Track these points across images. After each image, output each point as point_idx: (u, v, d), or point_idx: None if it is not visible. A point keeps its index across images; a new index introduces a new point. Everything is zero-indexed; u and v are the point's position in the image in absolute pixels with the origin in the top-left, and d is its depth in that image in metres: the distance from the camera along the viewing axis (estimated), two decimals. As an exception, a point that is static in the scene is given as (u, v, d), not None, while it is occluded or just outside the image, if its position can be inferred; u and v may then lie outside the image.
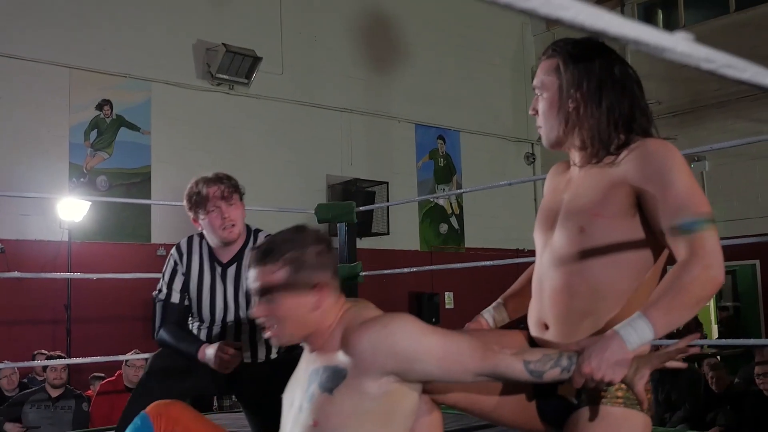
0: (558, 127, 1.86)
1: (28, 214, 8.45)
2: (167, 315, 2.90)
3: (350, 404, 1.67)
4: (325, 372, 1.71)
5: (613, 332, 1.62)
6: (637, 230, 1.76)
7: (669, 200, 1.68)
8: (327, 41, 11.05)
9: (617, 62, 1.87)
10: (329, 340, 1.75)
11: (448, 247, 12.23)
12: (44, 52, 8.65)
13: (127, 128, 9.32)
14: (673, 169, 1.70)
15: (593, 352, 1.61)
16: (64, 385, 6.05)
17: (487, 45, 12.85)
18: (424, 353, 1.66)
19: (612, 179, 1.77)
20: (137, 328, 8.70)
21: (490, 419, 1.99)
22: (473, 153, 12.60)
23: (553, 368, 1.67)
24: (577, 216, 1.80)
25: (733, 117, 11.24)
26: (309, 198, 9.32)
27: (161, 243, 9.08)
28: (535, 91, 1.92)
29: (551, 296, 1.84)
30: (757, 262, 11.51)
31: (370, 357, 1.66)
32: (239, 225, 2.89)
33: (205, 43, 9.85)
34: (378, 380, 1.67)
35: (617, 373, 1.60)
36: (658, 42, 0.68)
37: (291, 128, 10.53)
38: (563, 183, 1.94)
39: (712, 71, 0.74)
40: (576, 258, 1.79)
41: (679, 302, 1.61)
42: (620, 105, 1.82)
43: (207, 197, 2.84)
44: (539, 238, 1.93)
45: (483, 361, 1.68)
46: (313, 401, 1.70)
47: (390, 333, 1.66)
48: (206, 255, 2.95)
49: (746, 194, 11.31)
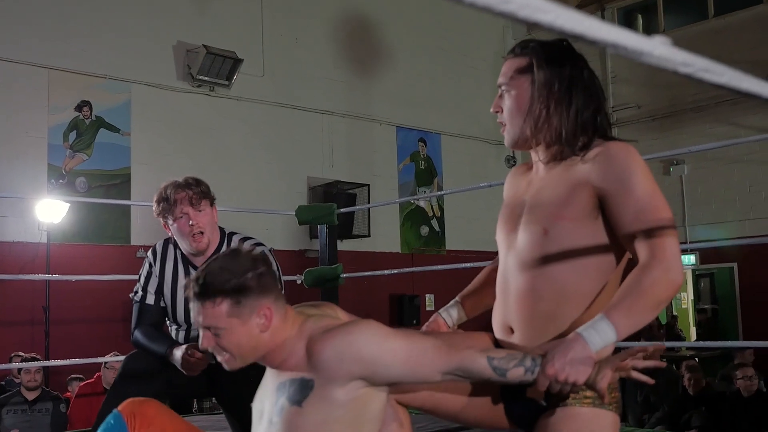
0: (525, 127, 1.85)
1: (6, 216, 8.38)
2: (142, 316, 2.89)
3: (320, 414, 1.68)
4: (292, 385, 1.72)
5: (575, 334, 1.64)
6: (600, 232, 1.77)
7: (630, 203, 1.70)
8: (308, 43, 11.04)
9: (585, 66, 1.90)
10: (291, 355, 1.75)
11: (429, 249, 12.24)
12: (23, 53, 8.57)
13: (106, 129, 9.26)
14: (635, 173, 1.72)
15: (556, 354, 1.63)
16: (40, 387, 5.99)
17: (468, 48, 12.89)
18: (389, 356, 1.67)
19: (574, 180, 1.78)
20: (116, 330, 8.64)
21: (458, 421, 1.99)
22: (454, 156, 12.63)
23: (516, 367, 1.67)
24: (541, 218, 1.81)
25: (712, 121, 11.35)
26: (290, 200, 9.30)
27: (141, 245, 9.02)
28: (501, 88, 1.91)
29: (516, 299, 1.85)
30: (735, 265, 11.62)
31: (336, 365, 1.66)
32: (208, 233, 2.84)
33: (186, 44, 9.81)
34: (345, 386, 1.68)
35: (581, 374, 1.61)
36: (636, 46, 0.69)
37: (272, 130, 10.51)
38: (524, 183, 1.95)
39: (689, 75, 0.74)
40: (540, 260, 1.79)
41: (641, 304, 1.63)
42: (587, 108, 1.83)
43: (175, 203, 2.81)
44: (502, 239, 1.93)
45: (448, 359, 1.69)
46: (283, 415, 1.71)
47: (354, 340, 1.67)
48: (180, 259, 2.93)
49: (724, 198, 11.42)
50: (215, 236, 2.92)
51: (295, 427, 1.69)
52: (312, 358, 1.70)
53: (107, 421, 1.89)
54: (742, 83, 0.78)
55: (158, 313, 2.91)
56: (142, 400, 1.95)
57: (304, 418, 1.68)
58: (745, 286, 11.53)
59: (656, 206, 1.70)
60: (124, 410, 1.89)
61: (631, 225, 1.70)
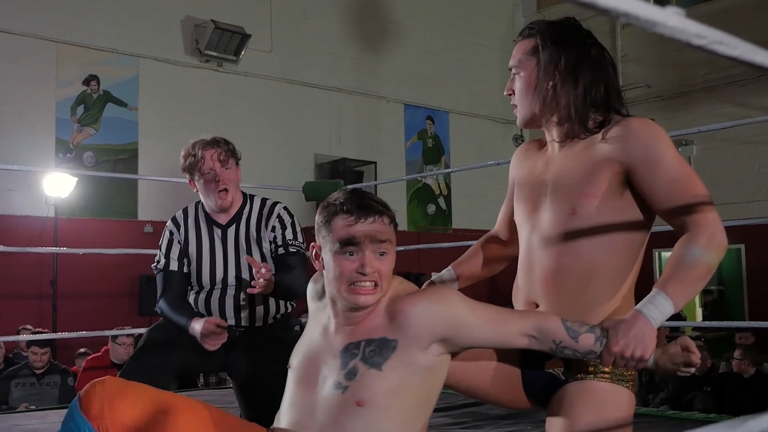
0: (534, 105, 1.88)
1: (13, 189, 8.39)
2: (167, 284, 2.89)
3: (398, 379, 1.64)
4: (368, 346, 1.67)
5: (635, 312, 1.65)
6: (626, 209, 1.78)
7: (661, 175, 1.71)
8: (316, 19, 10.98)
9: (593, 44, 1.89)
10: (371, 313, 1.71)
11: (436, 227, 12.24)
12: (31, 26, 8.55)
13: (114, 104, 9.25)
14: (660, 145, 1.73)
15: (620, 331, 1.63)
16: (48, 363, 6.03)
17: (477, 26, 12.80)
18: (474, 316, 1.67)
19: (597, 158, 1.78)
20: (123, 305, 8.69)
21: (476, 396, 2.01)
22: (462, 134, 12.59)
23: (587, 332, 1.67)
24: (567, 197, 1.81)
25: (722, 102, 11.27)
26: (297, 176, 9.29)
27: (148, 220, 9.05)
28: (512, 71, 1.93)
29: (542, 276, 1.85)
30: (742, 247, 11.58)
31: (425, 321, 1.64)
32: (232, 190, 2.88)
33: (194, 19, 9.76)
34: (426, 350, 1.65)
35: (647, 349, 1.62)
36: (649, 16, 0.68)
37: (279, 106, 10.48)
38: (541, 163, 1.94)
39: (702, 47, 0.73)
40: (567, 238, 1.80)
41: (693, 274, 1.66)
42: (596, 84, 1.84)
43: (203, 159, 2.84)
44: (523, 220, 1.93)
45: (525, 319, 1.71)
46: (357, 379, 1.65)
47: (442, 297, 1.69)
48: (203, 219, 2.95)
49: (732, 179, 11.36)
50: (238, 196, 2.95)
51: (373, 393, 1.63)
52: (397, 316, 1.67)
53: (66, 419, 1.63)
54: (756, 56, 0.77)
55: (183, 279, 2.91)
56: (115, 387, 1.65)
57: (383, 383, 1.63)
58: (751, 267, 11.50)
59: (688, 174, 1.72)
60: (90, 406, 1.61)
61: (666, 197, 1.71)
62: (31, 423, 3.67)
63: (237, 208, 2.94)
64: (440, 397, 1.60)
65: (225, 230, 2.92)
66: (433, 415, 1.92)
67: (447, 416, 3.39)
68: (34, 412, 4.20)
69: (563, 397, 1.81)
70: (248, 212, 2.94)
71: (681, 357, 1.65)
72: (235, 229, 2.91)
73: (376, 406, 1.62)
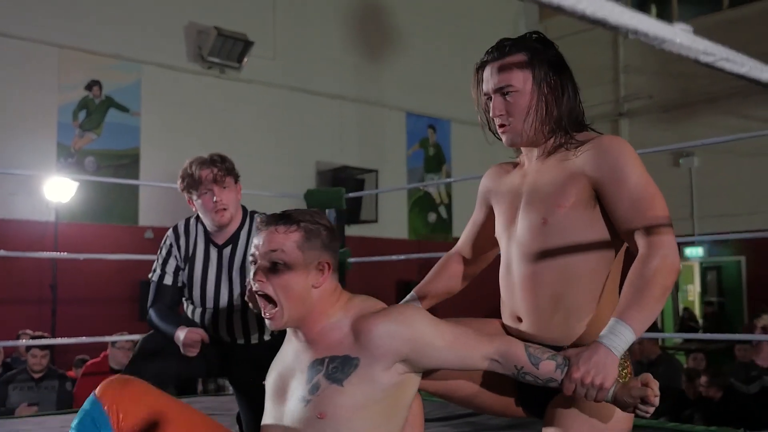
0: (530, 124, 1.86)
1: (14, 194, 8.40)
2: (158, 295, 2.90)
3: (360, 395, 1.66)
4: (331, 362, 1.69)
5: (596, 342, 1.66)
6: (598, 220, 1.80)
7: (624, 193, 1.73)
8: (319, 27, 11.00)
9: (563, 58, 1.91)
10: (334, 330, 1.73)
11: (436, 236, 12.23)
12: (34, 31, 8.57)
13: (116, 109, 9.27)
14: (627, 163, 1.75)
15: (581, 359, 1.64)
16: (47, 367, 6.02)
17: (479, 35, 12.79)
18: (439, 338, 1.68)
19: (570, 171, 1.81)
20: (123, 310, 8.68)
21: (471, 406, 2.01)
22: (463, 143, 12.60)
23: (549, 360, 1.69)
24: (539, 207, 1.84)
25: (724, 113, 11.28)
26: (298, 183, 9.29)
27: (149, 225, 9.05)
28: (502, 91, 1.88)
29: (521, 287, 1.87)
30: (743, 259, 11.59)
31: (387, 342, 1.65)
32: (231, 209, 2.86)
33: (197, 25, 9.79)
34: (389, 369, 1.67)
35: (607, 377, 1.62)
36: (657, 33, 0.68)
37: (282, 113, 10.50)
38: (518, 177, 1.97)
39: (710, 64, 0.73)
40: (541, 248, 1.82)
41: (649, 297, 1.66)
42: (575, 99, 1.88)
43: (200, 180, 2.82)
44: (502, 231, 1.97)
45: (489, 344, 1.72)
46: (319, 393, 1.68)
47: (406, 319, 1.68)
48: (201, 237, 2.94)
49: (733, 191, 11.36)
50: (238, 213, 2.94)
51: (334, 407, 1.65)
52: (361, 335, 1.68)
53: (84, 408, 1.68)
54: (763, 74, 0.77)
55: (175, 293, 2.91)
56: (124, 380, 1.73)
57: (344, 399, 1.65)
58: (752, 279, 11.50)
59: (651, 195, 1.73)
60: (104, 395, 1.67)
61: (626, 214, 1.73)
62: (30, 428, 3.65)
63: (236, 227, 2.92)
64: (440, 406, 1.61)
65: (221, 250, 2.91)
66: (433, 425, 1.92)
67: (447, 426, 3.38)
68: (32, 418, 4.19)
69: (557, 409, 1.81)
70: (247, 232, 2.92)
71: (638, 391, 1.62)
72: (231, 249, 2.90)
73: (337, 419, 1.65)
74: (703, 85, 11.50)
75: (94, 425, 1.64)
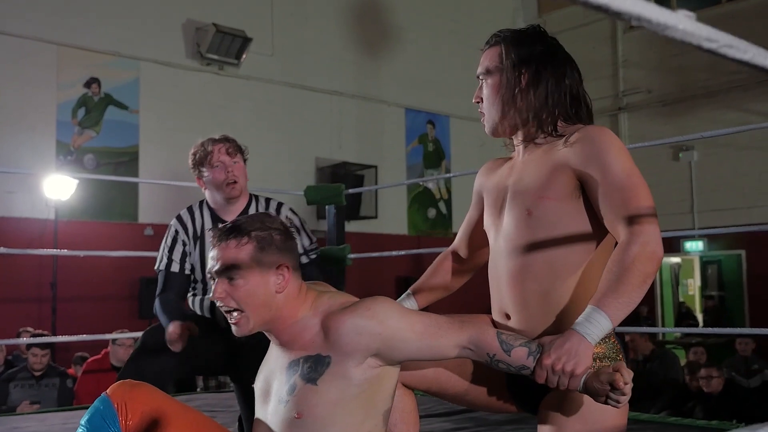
0: (498, 112, 1.91)
1: (14, 192, 8.39)
2: (166, 284, 2.89)
3: (335, 393, 1.67)
4: (306, 362, 1.70)
5: (570, 330, 1.64)
6: (583, 211, 1.79)
7: (606, 183, 1.72)
8: (317, 23, 10.99)
9: (558, 52, 1.91)
10: (305, 330, 1.73)
11: (436, 231, 12.23)
12: (32, 29, 8.56)
13: (115, 107, 9.25)
14: (610, 153, 1.73)
15: (553, 346, 1.62)
16: (47, 365, 6.02)
17: (478, 31, 12.77)
18: (407, 330, 1.68)
19: (554, 163, 1.80)
20: (123, 307, 8.68)
21: (463, 403, 2.01)
22: (462, 138, 12.59)
23: (521, 347, 1.67)
24: (523, 199, 1.83)
25: (723, 107, 11.27)
26: (298, 180, 9.29)
27: (148, 222, 9.04)
28: (479, 79, 1.96)
29: (508, 282, 1.86)
30: (743, 252, 11.59)
31: (355, 338, 1.66)
32: (242, 182, 2.92)
33: (195, 22, 9.77)
34: (361, 364, 1.67)
35: (578, 364, 1.59)
36: (660, 19, 0.67)
37: (280, 110, 10.49)
38: (506, 171, 1.98)
39: (713, 51, 0.73)
40: (527, 241, 1.82)
41: (627, 284, 1.62)
42: (558, 91, 1.87)
43: (211, 152, 2.89)
44: (489, 225, 1.97)
45: (461, 332, 1.70)
46: (296, 393, 1.69)
47: (372, 314, 1.68)
48: (208, 217, 2.95)
49: (733, 184, 11.36)
50: (245, 192, 2.98)
51: (309, 406, 1.67)
52: (329, 333, 1.69)
53: (95, 405, 1.76)
54: (767, 60, 0.77)
55: (183, 281, 2.91)
56: (134, 383, 1.81)
57: (319, 397, 1.67)
58: (752, 273, 11.50)
59: (635, 185, 1.70)
60: (114, 394, 1.76)
61: (609, 205, 1.71)
62: (31, 425, 3.65)
63: (243, 206, 2.96)
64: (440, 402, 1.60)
65: None
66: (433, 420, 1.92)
67: (447, 421, 3.38)
68: (33, 415, 4.19)
69: (550, 405, 1.80)
70: (255, 211, 2.95)
71: (606, 376, 1.57)
72: None
73: (314, 417, 1.67)
74: (703, 79, 11.50)
75: (104, 422, 1.70)
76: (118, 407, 1.71)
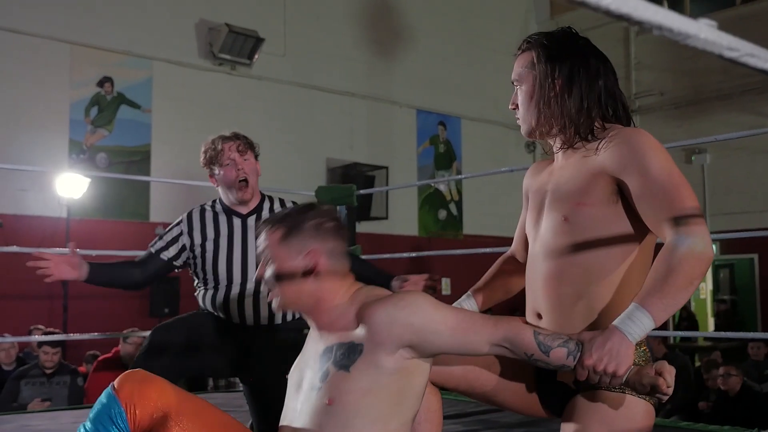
0: (533, 118, 1.91)
1: (26, 190, 8.43)
2: (143, 259, 2.96)
3: (367, 381, 1.68)
4: (339, 349, 1.73)
5: (612, 327, 1.62)
6: (621, 216, 1.77)
7: (648, 185, 1.69)
8: (329, 24, 10.99)
9: (591, 54, 1.90)
10: (340, 318, 1.76)
11: (447, 233, 12.22)
12: (45, 28, 8.59)
13: (127, 106, 9.29)
14: (647, 154, 1.71)
15: (594, 345, 1.61)
16: (58, 363, 6.04)
17: (490, 32, 12.79)
18: (440, 323, 1.69)
19: (592, 169, 1.79)
20: (134, 306, 8.70)
21: (492, 403, 2.00)
22: (474, 140, 12.58)
23: (560, 347, 1.66)
24: (561, 205, 1.83)
25: (736, 110, 11.21)
26: (309, 180, 9.29)
27: (160, 221, 9.06)
28: (514, 85, 1.98)
29: (542, 285, 1.86)
30: (756, 256, 11.53)
31: (387, 328, 1.67)
32: (252, 181, 2.92)
33: (208, 22, 9.80)
34: (393, 354, 1.68)
35: (621, 364, 1.59)
36: (681, 28, 0.67)
37: (292, 110, 10.50)
38: (546, 175, 1.97)
39: (734, 60, 0.72)
40: (563, 246, 1.81)
41: (673, 286, 1.60)
42: (592, 94, 1.85)
43: (222, 150, 2.89)
44: (530, 230, 1.96)
45: (495, 329, 1.70)
46: (328, 379, 1.71)
47: (406, 305, 1.70)
48: (222, 213, 2.94)
49: (746, 188, 11.30)
50: (258, 191, 2.98)
51: (341, 393, 1.69)
52: (364, 322, 1.71)
53: (100, 401, 1.70)
54: (789, 69, 0.76)
55: (160, 267, 2.94)
56: (144, 376, 1.74)
57: (351, 384, 1.68)
58: (765, 277, 11.44)
59: (676, 185, 1.68)
60: (121, 389, 1.68)
61: (652, 207, 1.69)
62: (41, 423, 3.67)
63: (257, 203, 2.97)
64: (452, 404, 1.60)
65: (245, 219, 2.91)
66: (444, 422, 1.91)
67: (458, 423, 3.38)
68: (44, 413, 4.20)
69: (575, 408, 1.79)
70: (269, 207, 2.96)
71: (648, 379, 1.58)
72: (255, 219, 2.90)
73: (345, 404, 1.68)
74: (716, 81, 11.44)
75: (110, 418, 1.67)
76: (125, 402, 1.66)
